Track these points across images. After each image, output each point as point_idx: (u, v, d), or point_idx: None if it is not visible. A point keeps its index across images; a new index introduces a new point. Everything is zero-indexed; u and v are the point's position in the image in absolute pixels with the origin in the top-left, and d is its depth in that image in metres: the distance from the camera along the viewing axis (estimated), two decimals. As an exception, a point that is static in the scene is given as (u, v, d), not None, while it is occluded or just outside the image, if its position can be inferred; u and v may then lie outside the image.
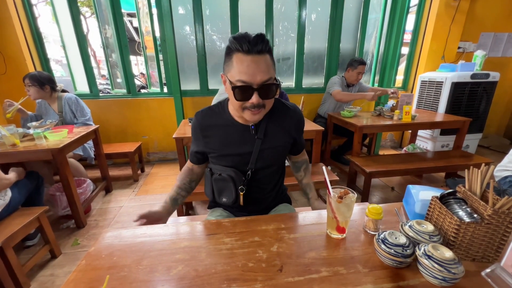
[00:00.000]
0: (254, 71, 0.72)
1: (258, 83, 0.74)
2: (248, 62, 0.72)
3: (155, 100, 3.03)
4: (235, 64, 0.73)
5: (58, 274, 1.47)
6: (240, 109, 0.79)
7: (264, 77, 0.74)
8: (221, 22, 2.93)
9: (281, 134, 0.92)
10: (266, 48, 0.74)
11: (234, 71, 0.74)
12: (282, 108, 0.94)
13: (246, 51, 0.71)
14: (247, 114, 0.79)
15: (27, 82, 2.01)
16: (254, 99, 0.75)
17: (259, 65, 0.73)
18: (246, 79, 0.72)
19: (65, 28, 2.81)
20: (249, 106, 0.77)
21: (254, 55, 0.72)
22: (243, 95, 0.75)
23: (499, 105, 3.62)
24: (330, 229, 0.75)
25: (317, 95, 3.21)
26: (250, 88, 0.74)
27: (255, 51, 0.71)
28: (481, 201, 0.64)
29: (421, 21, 3.26)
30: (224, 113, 0.90)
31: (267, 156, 0.91)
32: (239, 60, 0.72)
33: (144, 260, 0.65)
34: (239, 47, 0.71)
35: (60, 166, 1.68)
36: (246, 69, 0.72)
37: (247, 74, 0.72)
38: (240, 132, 0.89)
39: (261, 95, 0.75)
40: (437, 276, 0.55)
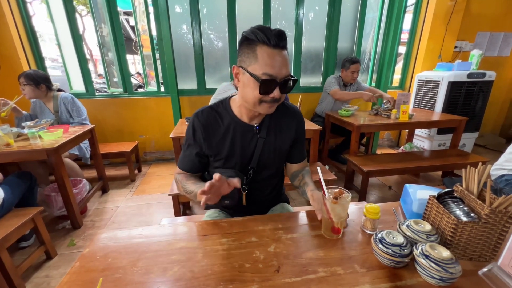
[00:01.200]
0: (281, 65, 0.73)
1: (282, 77, 0.75)
2: (274, 55, 0.72)
3: (152, 99, 3.00)
4: (260, 56, 0.72)
5: (54, 276, 1.46)
6: (257, 102, 0.78)
7: (287, 72, 0.76)
8: (218, 21, 2.92)
9: (282, 134, 0.92)
10: (287, 44, 0.76)
11: (259, 64, 0.73)
12: (284, 108, 0.94)
13: (273, 45, 0.72)
14: (264, 107, 0.79)
15: (22, 81, 1.98)
16: (276, 93, 0.76)
17: (284, 60, 0.74)
18: (273, 72, 0.73)
19: (60, 26, 2.77)
20: (269, 100, 0.77)
21: (280, 50, 0.73)
22: (267, 89, 0.75)
23: (495, 104, 3.65)
24: (325, 230, 0.75)
25: (315, 94, 3.20)
26: (275, 82, 0.74)
27: (280, 46, 0.73)
28: (478, 200, 0.64)
29: (418, 21, 3.27)
30: (227, 112, 0.89)
31: (268, 156, 0.91)
32: (265, 53, 0.72)
33: (139, 262, 0.64)
34: (266, 40, 0.71)
35: (55, 166, 1.65)
36: (273, 62, 0.72)
37: (274, 68, 0.72)
38: (243, 131, 0.88)
39: (282, 89, 0.76)
40: (435, 276, 0.54)
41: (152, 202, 2.25)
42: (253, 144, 0.89)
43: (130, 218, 2.02)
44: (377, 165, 2.11)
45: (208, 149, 0.89)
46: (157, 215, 2.06)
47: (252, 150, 0.89)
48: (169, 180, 2.66)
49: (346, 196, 0.71)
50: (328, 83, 2.79)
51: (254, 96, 0.76)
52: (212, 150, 0.89)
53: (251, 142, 0.89)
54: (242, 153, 0.89)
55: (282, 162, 1.00)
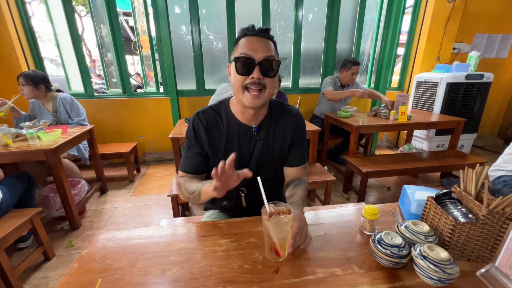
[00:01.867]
0: (257, 47, 0.76)
1: (261, 57, 0.76)
2: (252, 39, 0.78)
3: (151, 100, 3.00)
4: (240, 44, 0.79)
5: (52, 277, 1.45)
6: (241, 89, 0.79)
7: (267, 53, 0.76)
8: (217, 22, 2.92)
9: (282, 136, 0.92)
10: (271, 36, 0.81)
11: (239, 49, 0.78)
12: (283, 110, 0.94)
13: (252, 33, 0.79)
14: (247, 97, 0.78)
15: (21, 81, 1.98)
16: (256, 73, 0.76)
17: (262, 43, 0.77)
18: (249, 52, 0.76)
19: (59, 27, 2.77)
20: (250, 83, 0.77)
21: (258, 36, 0.78)
22: (244, 68, 0.76)
23: (493, 106, 3.67)
24: (266, 249, 0.66)
25: (314, 95, 3.21)
26: (252, 61, 0.76)
27: (260, 34, 0.78)
28: (476, 201, 0.64)
29: (416, 22, 3.29)
30: (226, 112, 0.89)
31: (267, 158, 0.91)
32: (244, 40, 0.78)
33: (138, 263, 0.64)
34: (246, 31, 0.79)
35: (53, 166, 1.65)
36: (250, 44, 0.77)
37: (251, 48, 0.76)
38: (242, 132, 0.88)
39: (262, 70, 0.76)
40: (433, 277, 0.55)
41: (151, 203, 2.24)
42: (252, 145, 0.89)
43: (128, 219, 2.01)
44: (376, 166, 2.12)
45: (208, 149, 0.88)
46: (156, 216, 2.06)
47: (251, 151, 0.89)
48: (168, 181, 2.65)
49: (281, 218, 0.63)
50: (323, 84, 2.81)
51: (237, 80, 0.78)
52: (212, 150, 0.89)
53: (250, 144, 0.89)
54: (240, 154, 0.88)
55: (282, 164, 0.99)
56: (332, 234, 0.75)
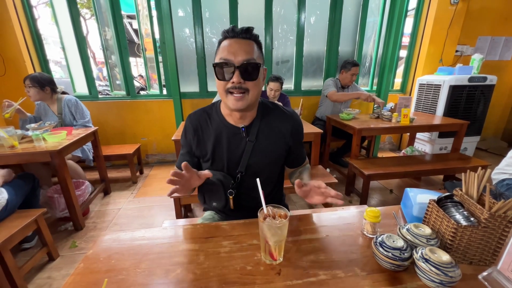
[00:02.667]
0: (236, 50, 0.74)
1: (240, 61, 0.74)
2: (232, 42, 0.76)
3: (154, 102, 3.03)
4: (220, 47, 0.77)
5: (56, 277, 1.46)
6: (224, 94, 0.78)
7: (246, 57, 0.74)
8: (220, 25, 2.95)
9: (275, 138, 0.89)
10: (252, 36, 0.77)
11: (219, 53, 0.77)
12: (279, 113, 0.91)
13: (231, 36, 0.77)
14: (230, 99, 0.78)
15: (28, 83, 2.01)
16: (236, 78, 0.74)
17: (241, 46, 0.75)
18: (228, 56, 0.74)
19: (64, 29, 2.81)
20: (231, 87, 0.76)
21: (238, 39, 0.76)
22: (223, 73, 0.76)
23: (496, 108, 3.65)
24: (262, 251, 0.67)
25: (316, 98, 3.22)
26: (231, 66, 0.74)
27: (240, 36, 0.76)
28: (477, 205, 0.64)
29: (419, 25, 3.29)
30: (216, 114, 0.89)
31: (259, 160, 0.88)
32: (225, 42, 0.77)
33: (142, 263, 0.65)
34: (226, 33, 0.77)
35: (58, 168, 1.67)
36: (229, 48, 0.75)
37: (229, 52, 0.74)
38: (231, 134, 0.87)
39: (242, 74, 0.75)
40: (435, 280, 0.55)
41: (154, 204, 2.26)
42: (241, 147, 0.87)
43: (131, 220, 2.03)
44: (378, 168, 2.11)
45: (196, 150, 0.91)
46: (159, 217, 2.07)
47: (240, 153, 0.88)
48: (171, 183, 2.66)
49: (275, 222, 0.62)
50: (325, 86, 2.82)
51: (220, 85, 0.78)
52: (200, 151, 0.90)
53: (239, 146, 0.87)
54: (228, 156, 0.88)
55: (277, 168, 0.96)
56: (334, 236, 0.76)
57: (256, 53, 0.77)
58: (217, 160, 0.89)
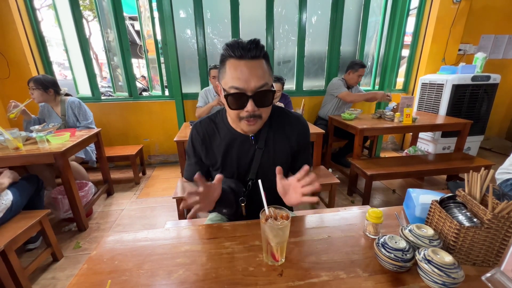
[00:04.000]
0: (248, 77, 0.69)
1: (253, 89, 0.71)
2: (241, 67, 0.69)
3: (157, 103, 3.04)
4: (227, 70, 0.71)
5: (60, 278, 1.48)
6: (237, 119, 0.77)
7: (259, 83, 0.70)
8: (222, 26, 2.96)
9: (282, 143, 0.89)
10: (261, 53, 0.71)
11: (227, 77, 0.71)
12: (284, 117, 0.91)
13: (239, 57, 0.69)
14: (244, 124, 0.77)
15: (32, 85, 2.03)
16: (250, 107, 0.72)
17: (253, 70, 0.70)
18: (240, 85, 0.70)
19: (67, 31, 2.84)
20: (245, 116, 0.75)
21: (247, 60, 0.70)
22: (237, 103, 0.73)
23: (500, 107, 3.62)
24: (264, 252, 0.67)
25: (318, 98, 3.22)
26: (244, 95, 0.71)
27: (249, 56, 0.69)
28: (480, 205, 0.64)
29: (421, 24, 3.28)
30: (223, 122, 0.88)
31: (268, 166, 0.88)
32: (232, 65, 0.70)
33: (145, 264, 0.65)
34: (232, 53, 0.70)
35: (62, 169, 1.69)
36: (240, 74, 0.69)
37: (241, 80, 0.69)
38: (240, 142, 0.86)
39: (257, 102, 0.72)
40: (437, 281, 0.55)
41: (156, 205, 2.27)
42: (251, 155, 0.87)
43: (134, 221, 2.04)
44: (380, 168, 2.10)
45: (206, 159, 0.90)
46: (161, 218, 2.08)
47: (250, 161, 0.88)
48: (173, 183, 2.68)
49: (277, 223, 0.62)
50: (334, 86, 2.80)
51: (232, 112, 0.75)
52: (210, 160, 0.89)
53: (248, 153, 0.87)
54: (238, 164, 0.88)
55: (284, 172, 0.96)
56: (336, 237, 0.76)
57: (267, 74, 0.73)
58: (227, 168, 0.89)
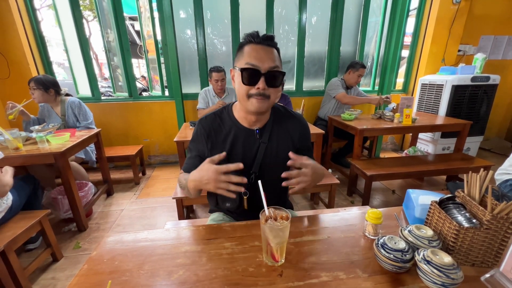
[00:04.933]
0: (263, 57, 0.78)
1: (266, 68, 0.78)
2: (258, 49, 0.79)
3: (157, 103, 3.04)
4: (245, 52, 0.80)
5: (60, 278, 1.48)
6: (246, 97, 0.81)
7: (272, 64, 0.78)
8: (222, 26, 2.96)
9: (285, 140, 0.93)
10: (275, 44, 0.82)
11: (244, 57, 0.79)
12: (287, 115, 0.95)
13: (257, 42, 0.79)
14: (252, 102, 0.81)
15: (32, 85, 2.03)
16: (261, 84, 0.78)
17: (267, 53, 0.79)
18: (255, 62, 0.77)
19: (67, 31, 2.84)
20: (255, 93, 0.79)
21: (264, 46, 0.79)
22: (250, 79, 0.78)
23: (500, 108, 3.62)
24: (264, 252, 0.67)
25: (318, 98, 3.22)
26: (258, 72, 0.77)
27: (265, 43, 0.80)
28: (479, 206, 0.64)
29: (421, 24, 3.28)
30: (229, 117, 0.92)
31: (271, 161, 0.91)
32: (250, 48, 0.79)
33: (145, 265, 0.66)
34: (251, 38, 0.80)
35: (62, 169, 1.69)
36: (256, 54, 0.78)
37: (256, 58, 0.77)
38: (245, 136, 0.90)
39: (268, 81, 0.78)
40: (436, 281, 0.55)
41: (156, 205, 2.27)
42: (255, 149, 0.90)
43: (134, 221, 2.04)
44: (380, 169, 2.11)
45: (211, 154, 0.90)
46: (161, 218, 2.08)
47: (254, 155, 0.90)
48: (173, 183, 2.68)
49: (276, 224, 0.62)
50: (332, 86, 2.80)
51: (242, 89, 0.80)
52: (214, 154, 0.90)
53: (253, 147, 0.90)
54: (243, 158, 0.90)
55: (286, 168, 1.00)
56: (336, 238, 0.76)
57: (278, 61, 0.82)
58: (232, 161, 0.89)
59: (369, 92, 3.41)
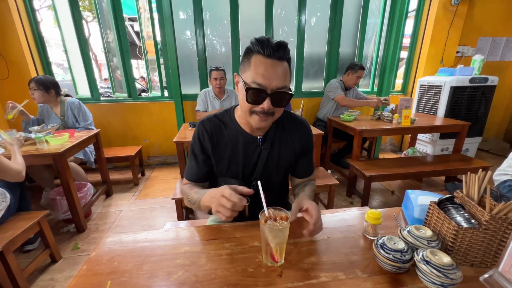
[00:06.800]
0: (271, 75, 0.71)
1: (273, 88, 0.72)
2: (266, 65, 0.71)
3: (156, 104, 3.04)
4: (253, 65, 0.73)
5: (58, 279, 1.47)
6: (248, 112, 0.77)
7: (280, 84, 0.73)
8: (221, 27, 2.96)
9: (287, 145, 0.91)
10: (286, 56, 0.74)
11: (251, 72, 0.73)
12: (290, 120, 0.93)
13: (267, 55, 0.71)
14: (254, 119, 0.78)
15: (33, 86, 2.03)
16: (266, 105, 0.73)
17: (277, 70, 0.72)
18: (262, 82, 0.72)
19: (67, 32, 2.84)
20: (259, 111, 0.75)
21: (273, 60, 0.71)
22: (255, 98, 0.74)
23: (498, 109, 3.64)
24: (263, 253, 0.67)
25: (317, 99, 3.23)
26: (264, 92, 0.73)
27: (276, 56, 0.71)
28: (478, 207, 0.64)
29: (419, 26, 3.30)
30: (231, 121, 0.88)
31: (272, 168, 0.90)
32: (258, 61, 0.72)
33: (144, 265, 0.65)
34: (261, 49, 0.71)
35: (61, 170, 1.68)
36: (264, 71, 0.71)
37: (264, 77, 0.71)
38: (247, 142, 0.87)
39: (273, 101, 0.74)
40: (435, 282, 0.55)
41: (155, 206, 2.26)
42: (256, 155, 0.88)
43: (133, 222, 2.03)
44: (379, 170, 2.11)
45: (213, 157, 0.88)
46: (160, 219, 2.07)
47: (255, 161, 0.89)
48: (172, 184, 2.68)
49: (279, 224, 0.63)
50: (330, 87, 2.81)
51: (245, 105, 0.76)
52: (216, 159, 0.88)
53: (254, 153, 0.88)
54: (244, 164, 0.88)
55: (287, 175, 0.98)
56: (335, 238, 0.76)
57: (288, 78, 0.76)
58: (232, 167, 0.89)
59: (368, 93, 3.42)
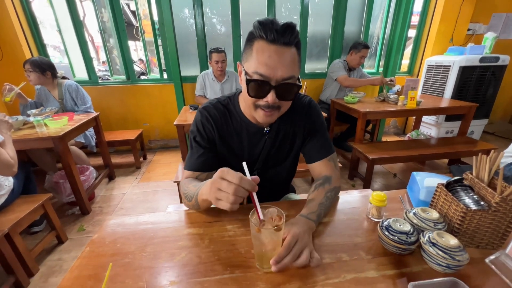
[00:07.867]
0: (276, 64, 0.62)
1: (278, 79, 0.64)
2: (270, 52, 0.62)
3: (155, 86, 2.98)
4: (255, 53, 0.64)
5: (66, 259, 1.52)
6: (253, 106, 0.71)
7: (286, 74, 0.64)
8: (221, 4, 2.82)
9: (292, 132, 0.85)
10: (295, 40, 0.64)
11: (253, 61, 0.64)
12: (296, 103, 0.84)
13: (270, 40, 0.62)
14: (259, 113, 0.71)
15: (28, 67, 1.97)
16: (270, 98, 0.65)
17: (282, 58, 0.63)
18: (265, 72, 0.63)
19: (60, 12, 2.72)
20: (263, 105, 0.68)
21: (278, 46, 0.62)
22: (258, 92, 0.66)
23: (507, 90, 3.54)
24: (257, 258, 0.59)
25: (320, 81, 3.14)
26: (267, 84, 0.64)
27: (281, 41, 0.62)
28: (488, 188, 0.62)
29: (429, 2, 3.13)
30: (235, 110, 0.82)
31: (275, 156, 0.87)
32: (261, 48, 0.63)
33: (147, 247, 0.65)
34: (263, 34, 0.62)
35: (62, 154, 1.68)
36: (267, 60, 0.62)
37: (267, 66, 0.62)
38: (252, 132, 0.83)
39: (279, 94, 0.66)
40: (441, 263, 0.54)
41: (158, 189, 2.28)
42: (261, 144, 0.84)
43: (136, 205, 2.06)
44: (382, 152, 2.09)
45: (219, 141, 0.83)
46: (163, 201, 2.10)
47: (260, 150, 0.85)
48: (174, 168, 2.69)
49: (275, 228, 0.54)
50: (333, 68, 2.72)
51: (248, 99, 0.69)
52: (219, 147, 0.84)
53: (259, 142, 0.84)
54: (249, 153, 0.85)
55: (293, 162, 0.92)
56: (339, 220, 0.75)
57: (296, 66, 0.66)
58: (237, 157, 0.85)
59: (373, 74, 3.32)
